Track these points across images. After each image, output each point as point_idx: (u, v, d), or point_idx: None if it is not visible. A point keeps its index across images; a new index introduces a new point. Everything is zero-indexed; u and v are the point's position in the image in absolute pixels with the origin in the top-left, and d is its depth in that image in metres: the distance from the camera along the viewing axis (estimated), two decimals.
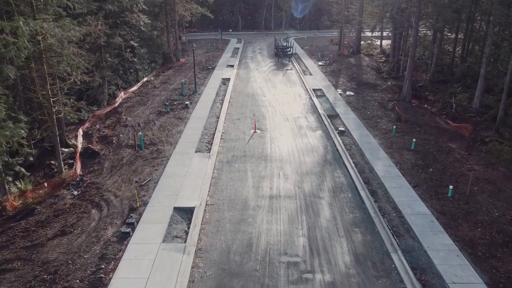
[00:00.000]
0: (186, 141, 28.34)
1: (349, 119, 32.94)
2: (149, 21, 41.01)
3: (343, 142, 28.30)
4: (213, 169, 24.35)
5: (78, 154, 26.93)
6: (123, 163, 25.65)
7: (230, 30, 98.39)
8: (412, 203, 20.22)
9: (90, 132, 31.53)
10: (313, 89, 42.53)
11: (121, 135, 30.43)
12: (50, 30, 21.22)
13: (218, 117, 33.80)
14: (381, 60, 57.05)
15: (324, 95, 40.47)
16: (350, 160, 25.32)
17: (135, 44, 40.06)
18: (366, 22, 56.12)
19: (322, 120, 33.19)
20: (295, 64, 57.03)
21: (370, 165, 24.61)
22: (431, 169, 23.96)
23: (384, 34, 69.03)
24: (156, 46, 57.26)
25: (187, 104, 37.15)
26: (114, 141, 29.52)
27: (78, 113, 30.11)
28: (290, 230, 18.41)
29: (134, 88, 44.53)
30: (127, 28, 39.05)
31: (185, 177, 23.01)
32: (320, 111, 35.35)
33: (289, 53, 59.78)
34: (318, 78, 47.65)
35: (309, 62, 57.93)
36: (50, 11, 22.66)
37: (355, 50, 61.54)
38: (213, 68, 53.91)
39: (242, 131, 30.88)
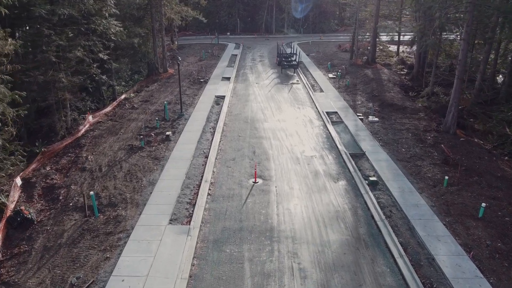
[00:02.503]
0: (158, 201, 20.22)
1: (380, 160, 24.84)
2: (121, 28, 32.84)
3: (378, 203, 20.21)
4: (193, 258, 16.22)
5: (3, 223, 18.82)
6: (62, 242, 17.50)
7: (228, 34, 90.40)
8: None
9: (34, 179, 23.40)
10: (326, 112, 34.45)
11: (72, 186, 22.30)
12: None
13: (206, 157, 25.69)
14: (403, 72, 48.97)
15: (342, 121, 32.36)
16: (395, 239, 17.23)
17: (105, 57, 31.89)
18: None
19: (344, 161, 25.10)
20: (301, 76, 48.98)
21: (427, 251, 16.50)
22: None
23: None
24: (142, 54, 49.09)
25: (168, 135, 29.03)
26: (61, 197, 21.41)
27: (11, 157, 22.01)
28: None
29: (108, 109, 36.43)
30: (94, 38, 30.90)
31: (148, 278, 14.87)
32: (339, 146, 27.26)
33: (294, 63, 51.68)
34: (331, 96, 39.57)
35: (317, 74, 49.90)
36: None
37: (370, 59, 53.48)
38: (206, 82, 45.80)
39: (237, 180, 22.76)
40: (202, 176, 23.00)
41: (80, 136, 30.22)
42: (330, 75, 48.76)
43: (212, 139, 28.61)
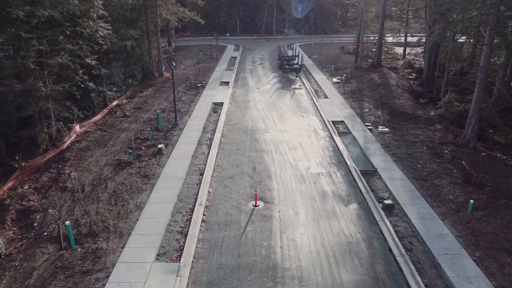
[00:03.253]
0: (145, 230, 17.73)
1: (395, 179, 22.34)
2: (110, 31, 30.33)
3: (396, 232, 17.72)
4: None
5: None
6: (30, 283, 15.01)
7: (228, 35, 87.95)
8: None
9: (9, 201, 20.92)
10: (332, 122, 31.96)
11: (50, 210, 19.83)
12: None
13: (202, 174, 23.20)
14: (411, 76, 46.47)
15: (349, 132, 29.87)
16: (419, 281, 14.73)
17: (93, 62, 29.40)
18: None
19: (354, 179, 22.61)
20: (304, 80, 46.51)
21: None
22: None
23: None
24: (136, 57, 46.61)
25: (160, 148, 26.54)
26: (36, 223, 18.93)
27: None
28: None
29: (98, 117, 33.96)
30: (81, 41, 28.41)
31: None
32: (348, 161, 24.77)
33: (296, 66, 49.16)
34: (336, 103, 37.08)
35: (321, 78, 47.42)
36: None
37: (376, 63, 51.00)
38: (203, 87, 43.31)
39: (236, 203, 20.27)
40: (196, 198, 20.51)
41: (65, 148, 27.78)
42: (334, 80, 46.27)
43: (209, 153, 26.13)
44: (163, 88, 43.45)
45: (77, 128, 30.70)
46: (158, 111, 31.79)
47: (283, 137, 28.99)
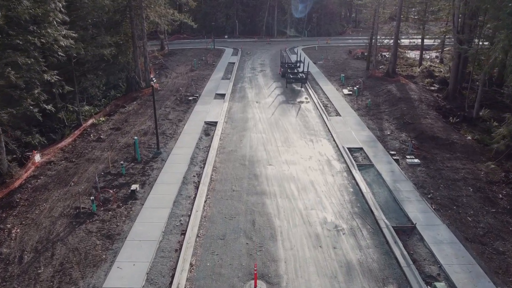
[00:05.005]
0: None
1: (442, 242, 16.62)
2: (72, 40, 24.54)
3: None
4: None
5: None
6: None
7: (226, 37, 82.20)
8: None
9: None
10: (348, 148, 26.25)
11: None
12: None
13: (184, 233, 17.51)
14: (433, 88, 40.71)
15: (371, 164, 24.14)
16: None
17: (53, 79, 23.70)
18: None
19: (387, 242, 16.89)
20: (310, 91, 40.80)
21: None
22: None
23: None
24: (121, 65, 40.81)
25: (134, 190, 20.83)
26: None
27: None
28: None
29: (67, 141, 28.35)
30: (36, 54, 22.70)
31: None
32: (375, 211, 19.06)
33: (301, 75, 43.38)
34: (350, 123, 31.33)
35: (329, 89, 41.69)
36: None
37: (391, 70, 45.22)
38: (195, 100, 37.61)
39: (227, 286, 14.55)
40: (172, 277, 14.81)
41: (17, 187, 22.13)
42: (345, 91, 40.53)
43: (195, 197, 20.43)
44: (149, 102, 37.63)
45: (36, 158, 25.02)
46: (135, 138, 25.93)
47: (290, 172, 23.27)
